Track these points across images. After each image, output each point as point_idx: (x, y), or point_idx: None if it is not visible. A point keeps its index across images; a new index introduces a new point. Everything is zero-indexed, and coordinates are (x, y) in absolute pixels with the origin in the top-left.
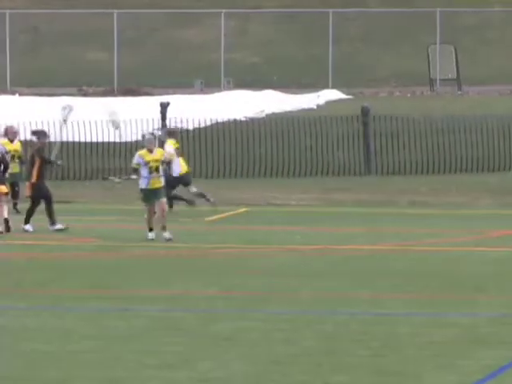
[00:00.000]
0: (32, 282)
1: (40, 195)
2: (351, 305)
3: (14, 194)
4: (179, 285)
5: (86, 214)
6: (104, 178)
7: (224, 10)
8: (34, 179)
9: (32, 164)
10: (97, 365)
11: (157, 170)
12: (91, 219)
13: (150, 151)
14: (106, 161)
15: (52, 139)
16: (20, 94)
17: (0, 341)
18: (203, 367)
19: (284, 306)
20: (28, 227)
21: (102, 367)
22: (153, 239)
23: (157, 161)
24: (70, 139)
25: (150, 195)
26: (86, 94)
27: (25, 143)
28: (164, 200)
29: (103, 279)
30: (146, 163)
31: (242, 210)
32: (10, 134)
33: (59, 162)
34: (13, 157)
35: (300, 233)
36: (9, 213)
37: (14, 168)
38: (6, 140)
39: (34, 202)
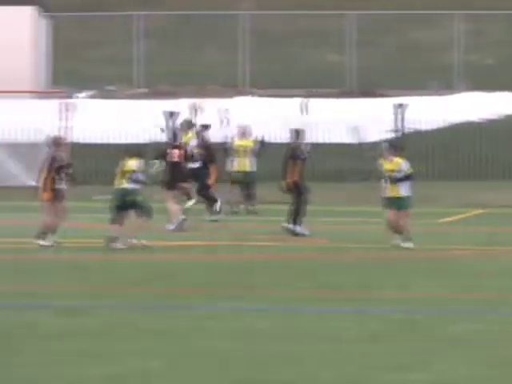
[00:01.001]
0: (262, 282)
1: (298, 193)
2: None
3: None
4: (418, 286)
5: (321, 215)
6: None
7: (460, 12)
8: (294, 178)
9: (292, 164)
10: (333, 364)
11: (390, 179)
12: (326, 220)
13: (387, 160)
14: (342, 162)
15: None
16: (255, 95)
17: (231, 343)
18: (438, 369)
19: None
20: (299, 229)
21: (335, 367)
22: (409, 247)
23: (391, 171)
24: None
25: (387, 203)
26: (320, 96)
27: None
28: (397, 212)
29: (334, 280)
30: (384, 172)
31: (478, 211)
32: (244, 133)
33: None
34: (244, 152)
35: None
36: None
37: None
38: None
39: (298, 201)
